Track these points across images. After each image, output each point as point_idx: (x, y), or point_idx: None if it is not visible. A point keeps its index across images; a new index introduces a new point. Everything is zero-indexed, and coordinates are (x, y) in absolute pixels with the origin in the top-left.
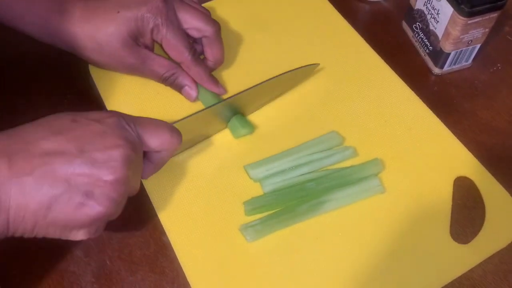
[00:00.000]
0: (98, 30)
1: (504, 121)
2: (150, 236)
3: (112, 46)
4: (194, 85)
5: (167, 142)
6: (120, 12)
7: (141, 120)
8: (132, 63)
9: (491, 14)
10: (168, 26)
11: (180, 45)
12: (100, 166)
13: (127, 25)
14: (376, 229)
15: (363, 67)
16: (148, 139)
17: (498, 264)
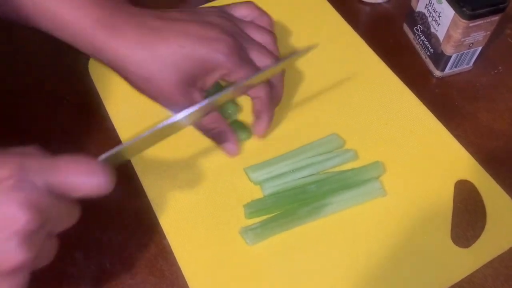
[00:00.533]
0: (153, 58)
1: (506, 124)
2: (150, 239)
3: (165, 79)
4: (236, 141)
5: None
6: (184, 47)
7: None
8: (179, 103)
9: (492, 17)
10: (242, 67)
11: (260, 83)
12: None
13: (191, 63)
14: (376, 233)
15: (364, 69)
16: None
17: (498, 268)
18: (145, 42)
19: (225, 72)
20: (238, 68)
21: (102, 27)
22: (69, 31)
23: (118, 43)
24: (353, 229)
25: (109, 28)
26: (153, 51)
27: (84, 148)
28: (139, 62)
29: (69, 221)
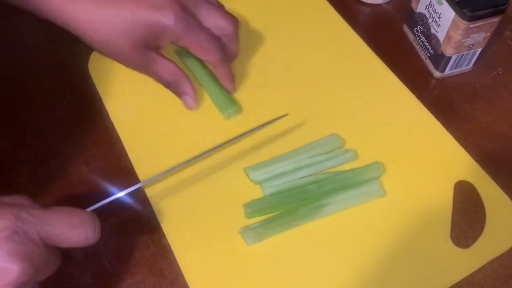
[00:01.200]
0: (106, 24)
1: (505, 125)
2: (149, 238)
3: (119, 44)
4: (194, 95)
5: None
6: (133, 13)
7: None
8: (138, 63)
9: (492, 18)
10: (189, 32)
11: (209, 46)
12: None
13: (141, 29)
14: (376, 233)
15: (364, 69)
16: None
17: (498, 269)
18: (100, 8)
19: (174, 38)
20: (187, 35)
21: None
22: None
23: (75, 9)
24: (352, 229)
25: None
26: (107, 16)
27: (83, 147)
28: (96, 26)
29: (53, 268)
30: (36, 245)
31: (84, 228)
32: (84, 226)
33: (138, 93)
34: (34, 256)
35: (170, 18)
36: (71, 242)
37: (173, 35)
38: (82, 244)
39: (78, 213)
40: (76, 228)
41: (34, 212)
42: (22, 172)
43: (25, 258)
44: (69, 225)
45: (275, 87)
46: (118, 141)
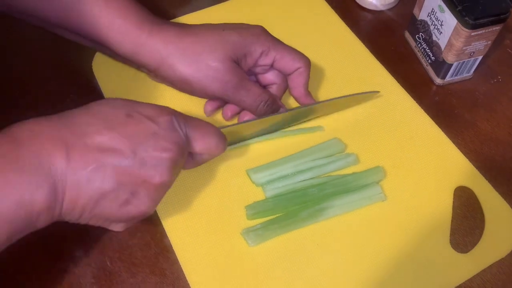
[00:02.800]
0: (194, 48)
1: (504, 132)
2: (151, 237)
3: (212, 58)
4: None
5: (213, 149)
6: (221, 35)
7: (192, 123)
8: (228, 79)
9: (494, 27)
10: (278, 44)
11: (294, 56)
12: (149, 169)
13: (232, 46)
14: (376, 237)
15: (366, 75)
16: (196, 142)
17: (496, 274)
18: (183, 37)
19: (263, 51)
20: (275, 46)
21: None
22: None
23: (161, 37)
24: (353, 233)
25: (150, 28)
26: (193, 42)
27: None
28: (180, 54)
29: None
30: (182, 136)
31: (215, 136)
32: (215, 135)
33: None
34: (184, 145)
35: (259, 33)
36: (204, 147)
37: (264, 47)
38: (212, 151)
39: (213, 127)
40: (210, 133)
41: (184, 116)
42: None
43: (180, 144)
44: (204, 130)
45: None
46: None
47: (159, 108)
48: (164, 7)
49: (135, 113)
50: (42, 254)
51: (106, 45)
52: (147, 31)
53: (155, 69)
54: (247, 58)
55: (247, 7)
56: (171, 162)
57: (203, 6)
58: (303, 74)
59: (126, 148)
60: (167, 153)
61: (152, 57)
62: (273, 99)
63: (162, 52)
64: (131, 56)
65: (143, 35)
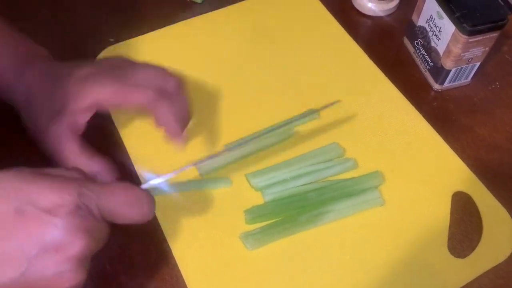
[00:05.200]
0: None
1: (502, 138)
2: (151, 241)
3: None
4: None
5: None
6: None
7: (109, 197)
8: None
9: (491, 33)
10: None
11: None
12: (53, 278)
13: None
14: (374, 242)
15: (364, 80)
16: (116, 218)
17: (494, 279)
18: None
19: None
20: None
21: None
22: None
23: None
24: (351, 238)
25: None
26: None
27: None
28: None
29: (104, 243)
30: (96, 219)
31: (140, 205)
32: (140, 203)
33: None
34: (95, 230)
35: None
36: (126, 218)
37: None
38: (137, 220)
39: (134, 189)
40: (133, 204)
41: (93, 187)
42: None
43: (88, 232)
44: (126, 201)
45: (276, 96)
46: (119, 141)
47: (59, 190)
48: (165, 12)
49: (27, 205)
50: None
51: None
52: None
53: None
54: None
55: (246, 13)
56: (80, 261)
57: (202, 11)
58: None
59: (20, 258)
60: (73, 252)
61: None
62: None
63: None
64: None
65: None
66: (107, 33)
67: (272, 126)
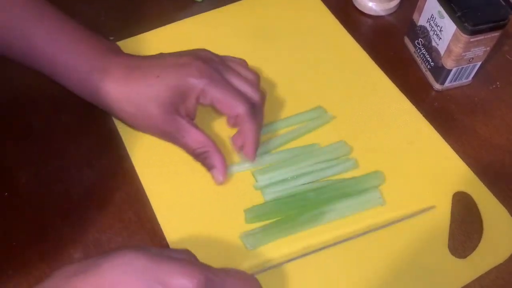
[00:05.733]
0: (136, 94)
1: (503, 138)
2: (150, 240)
3: (149, 111)
4: (223, 169)
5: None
6: (159, 77)
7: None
8: (166, 131)
9: (493, 33)
10: (216, 86)
11: (233, 100)
12: None
13: (168, 92)
14: (375, 241)
15: (365, 80)
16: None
17: (495, 280)
18: (129, 79)
19: (199, 93)
20: (211, 88)
21: (95, 72)
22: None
23: (109, 85)
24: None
25: (101, 72)
26: (136, 86)
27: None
28: (126, 99)
29: None
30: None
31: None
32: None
33: None
34: None
35: (195, 73)
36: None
37: (198, 90)
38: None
39: (249, 279)
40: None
41: (218, 273)
42: (25, 173)
43: None
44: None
45: (276, 95)
46: (120, 144)
47: (188, 273)
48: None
49: (159, 286)
50: (40, 256)
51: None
52: (96, 71)
53: (103, 106)
54: (185, 102)
55: (246, 12)
56: None
57: (203, 10)
58: (248, 127)
59: None
60: None
61: (100, 98)
62: (207, 154)
63: (110, 96)
64: (78, 92)
65: (93, 75)
66: (107, 32)
67: None
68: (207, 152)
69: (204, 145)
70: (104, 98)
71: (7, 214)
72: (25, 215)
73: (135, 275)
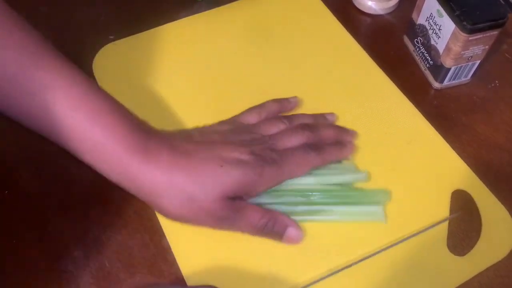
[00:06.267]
0: (193, 181)
1: (502, 136)
2: (150, 238)
3: (205, 200)
4: (296, 224)
5: None
6: (223, 167)
7: None
8: (223, 216)
9: (491, 31)
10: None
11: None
12: None
13: (234, 184)
14: (373, 240)
15: (364, 79)
16: None
17: (493, 277)
18: (182, 165)
19: (268, 186)
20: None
21: (135, 152)
22: (101, 156)
23: (152, 168)
24: (350, 236)
25: (142, 153)
26: (193, 173)
27: None
28: (177, 185)
29: None
30: None
31: None
32: None
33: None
34: None
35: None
36: None
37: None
38: None
39: None
40: None
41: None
42: (25, 171)
43: None
44: None
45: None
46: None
47: None
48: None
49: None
50: (40, 254)
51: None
52: (137, 160)
53: (142, 198)
54: (248, 194)
55: (247, 11)
56: None
57: (202, 9)
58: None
59: None
60: None
61: (141, 190)
62: (274, 220)
63: (152, 188)
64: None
65: (133, 165)
66: (107, 30)
67: None
68: (271, 219)
69: (265, 214)
70: (147, 184)
71: (7, 212)
72: (25, 213)
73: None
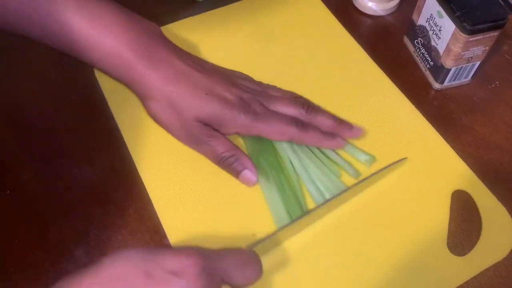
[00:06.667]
0: (177, 95)
1: (502, 137)
2: (151, 238)
3: (182, 114)
4: (254, 169)
5: (251, 278)
6: (208, 95)
7: (225, 259)
8: (194, 134)
9: (491, 32)
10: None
11: (281, 127)
12: None
13: (210, 114)
14: (373, 239)
15: (365, 79)
16: (232, 279)
17: (493, 277)
18: (172, 80)
19: (238, 130)
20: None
21: (141, 58)
22: (110, 62)
23: (151, 75)
24: (350, 235)
25: (146, 59)
26: (181, 88)
27: (87, 147)
28: (166, 94)
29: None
30: (217, 281)
31: (252, 265)
32: (252, 264)
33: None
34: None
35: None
36: (242, 278)
37: (240, 125)
38: (251, 280)
39: (244, 252)
40: (246, 265)
41: (212, 252)
42: (26, 171)
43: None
44: (241, 263)
45: None
46: (121, 142)
47: (184, 254)
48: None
49: (156, 269)
50: (41, 253)
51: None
52: (141, 65)
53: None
54: (223, 128)
55: (247, 12)
56: None
57: (203, 10)
58: (310, 136)
59: None
60: None
61: (138, 90)
62: (236, 158)
63: (149, 92)
64: (117, 79)
65: (137, 68)
66: None
67: None
68: (234, 155)
69: (231, 149)
70: (144, 86)
71: (9, 212)
72: (26, 213)
73: (135, 265)
